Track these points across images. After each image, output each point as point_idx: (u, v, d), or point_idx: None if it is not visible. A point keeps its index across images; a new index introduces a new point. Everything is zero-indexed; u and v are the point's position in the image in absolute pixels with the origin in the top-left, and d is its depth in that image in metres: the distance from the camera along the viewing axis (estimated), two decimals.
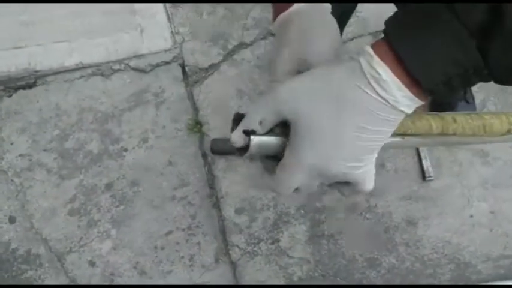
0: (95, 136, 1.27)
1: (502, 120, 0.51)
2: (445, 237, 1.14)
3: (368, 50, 0.34)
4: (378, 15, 1.35)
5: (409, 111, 0.35)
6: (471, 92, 1.21)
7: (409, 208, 1.16)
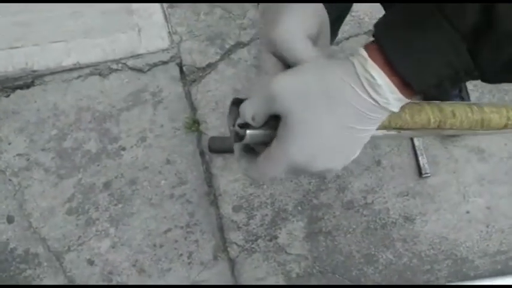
0: (93, 135, 1.27)
1: (502, 114, 0.51)
2: (442, 233, 1.14)
3: (362, 53, 0.34)
4: (373, 15, 1.36)
5: (396, 110, 0.36)
6: (466, 90, 1.22)
7: (406, 204, 1.17)
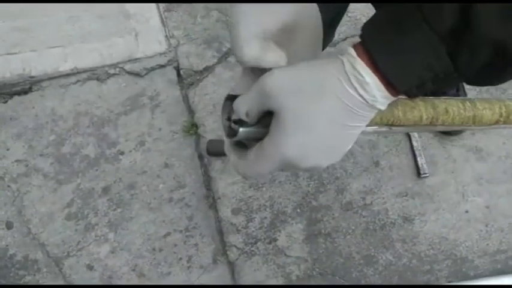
0: (92, 140, 1.27)
1: (494, 111, 0.51)
2: (442, 233, 1.14)
3: (351, 52, 0.36)
4: (369, 16, 1.36)
5: (383, 108, 0.37)
6: (464, 89, 1.22)
7: (405, 205, 1.17)
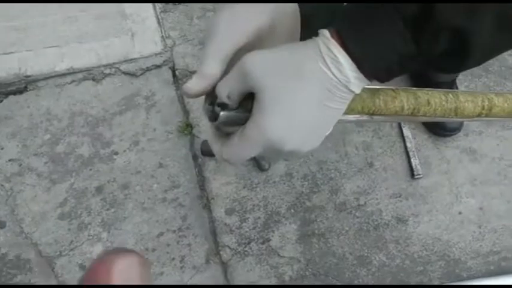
0: (86, 140, 1.27)
1: (477, 104, 0.51)
2: (435, 234, 1.14)
3: (325, 34, 0.37)
4: None
5: (357, 91, 0.38)
6: (456, 86, 1.22)
7: (399, 206, 1.17)
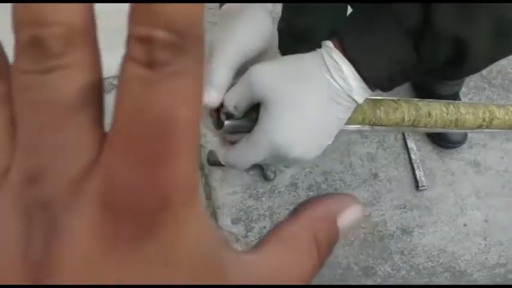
0: None
1: (478, 116, 0.53)
2: (440, 245, 1.14)
3: (328, 44, 0.39)
4: None
5: (360, 101, 0.39)
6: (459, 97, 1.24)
7: (403, 217, 1.17)
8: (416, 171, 1.21)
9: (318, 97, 0.37)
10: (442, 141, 1.22)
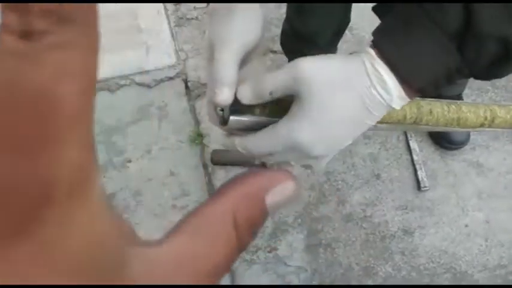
0: (101, 148, 1.31)
1: (479, 115, 0.53)
2: (441, 246, 1.15)
3: (370, 52, 0.38)
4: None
5: (398, 108, 0.40)
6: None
7: (405, 217, 1.18)
8: (418, 172, 1.21)
9: (354, 105, 0.38)
10: (445, 142, 1.22)
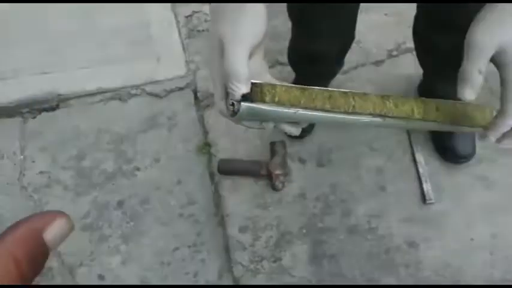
0: (111, 156, 1.35)
1: (486, 114, 0.54)
2: (446, 259, 1.15)
3: None
4: (378, 46, 1.42)
5: None
6: None
7: (410, 230, 1.18)
8: (423, 185, 1.21)
9: None
10: (451, 155, 1.22)
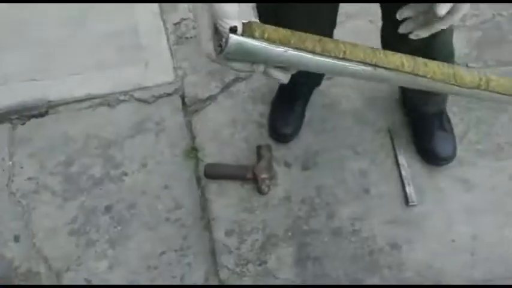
0: (98, 161, 1.36)
1: (473, 75, 0.56)
2: (428, 261, 1.16)
3: None
4: None
5: None
6: (449, 121, 1.27)
7: (393, 232, 1.20)
8: (406, 188, 1.24)
9: None
10: (432, 157, 1.25)
